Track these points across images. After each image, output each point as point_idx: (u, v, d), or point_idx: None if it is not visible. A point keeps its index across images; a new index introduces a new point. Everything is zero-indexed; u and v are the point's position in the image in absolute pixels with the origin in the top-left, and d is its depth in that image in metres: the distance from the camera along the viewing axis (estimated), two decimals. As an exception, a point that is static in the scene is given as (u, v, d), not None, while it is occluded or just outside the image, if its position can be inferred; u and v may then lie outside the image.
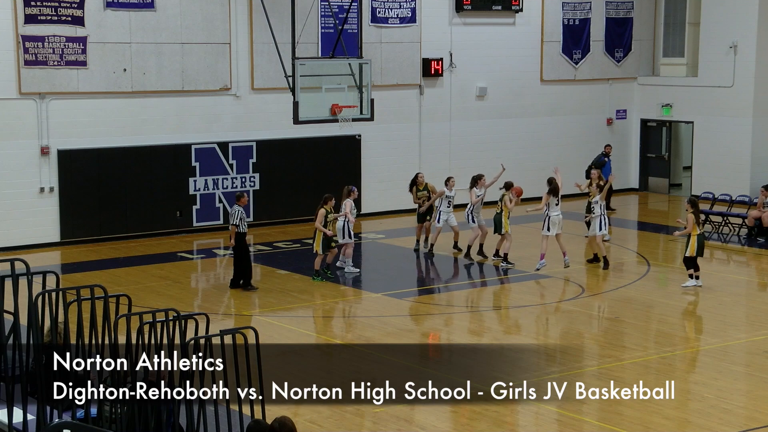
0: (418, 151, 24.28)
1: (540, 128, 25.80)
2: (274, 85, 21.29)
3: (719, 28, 25.34)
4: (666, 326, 14.63)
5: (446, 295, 16.75)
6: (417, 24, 23.79)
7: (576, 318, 15.04)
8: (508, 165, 19.76)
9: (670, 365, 12.85)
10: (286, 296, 16.08)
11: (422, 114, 24.26)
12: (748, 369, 12.81)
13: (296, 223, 21.75)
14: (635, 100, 27.05)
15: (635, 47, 26.92)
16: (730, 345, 13.71)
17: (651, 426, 10.61)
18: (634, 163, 27.34)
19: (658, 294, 16.36)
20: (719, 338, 13.97)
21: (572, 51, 26.05)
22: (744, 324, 14.98)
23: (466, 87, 24.68)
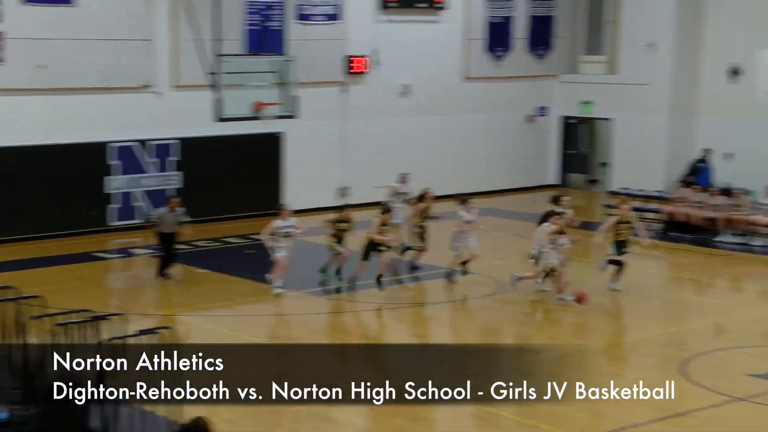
0: (342, 149, 24.37)
1: (463, 125, 26.07)
2: (197, 83, 21.11)
3: (638, 27, 25.91)
4: (582, 319, 14.92)
5: (367, 292, 16.77)
6: (342, 21, 23.83)
7: (494, 313, 15.23)
8: (431, 162, 19.85)
9: (584, 358, 13.07)
10: (205, 296, 16.03)
11: (346, 111, 24.34)
12: (659, 360, 13.15)
13: (219, 221, 21.65)
14: (556, 97, 27.52)
15: (557, 45, 27.37)
16: (645, 338, 14.10)
17: (568, 419, 10.81)
18: (554, 160, 27.84)
19: (576, 286, 16.63)
20: (636, 331, 14.34)
21: (496, 48, 26.37)
22: (658, 318, 15.36)
23: (390, 84, 24.81)
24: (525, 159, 27.31)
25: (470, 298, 16.05)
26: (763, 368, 12.57)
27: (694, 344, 13.77)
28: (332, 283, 16.59)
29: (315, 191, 23.42)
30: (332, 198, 24.02)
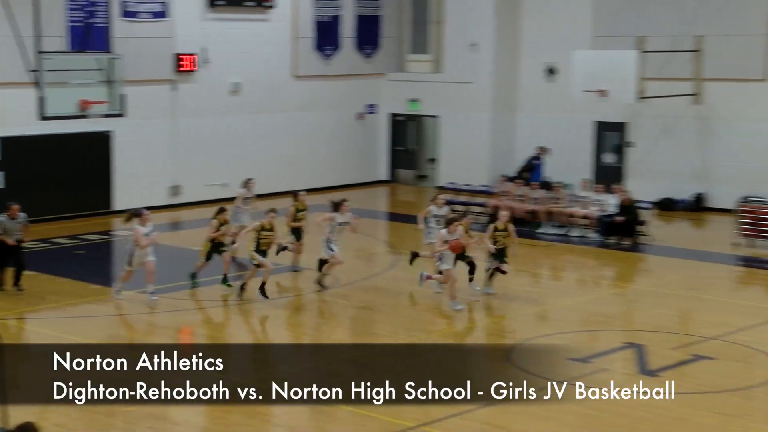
0: (173, 147, 24.16)
1: (295, 123, 26.29)
2: (17, 80, 20.50)
3: (461, 28, 26.77)
4: (415, 312, 15.35)
5: (203, 290, 16.72)
6: (169, 19, 23.62)
7: (329, 308, 15.52)
8: (263, 160, 19.93)
9: (419, 351, 13.39)
10: (32, 297, 15.65)
11: (177, 110, 24.14)
12: (487, 349, 13.65)
13: (46, 222, 21.09)
14: (384, 95, 28.11)
15: (384, 44, 27.96)
16: (473, 327, 14.68)
17: (401, 414, 11.11)
18: (384, 156, 28.45)
19: (406, 282, 17.05)
20: (465, 322, 14.91)
21: (324, 47, 26.70)
22: (485, 308, 15.93)
23: (220, 82, 24.76)
24: (356, 156, 27.79)
25: (303, 294, 16.28)
26: (582, 353, 13.22)
27: (521, 331, 14.35)
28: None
29: (146, 190, 23.12)
30: (164, 197, 23.82)
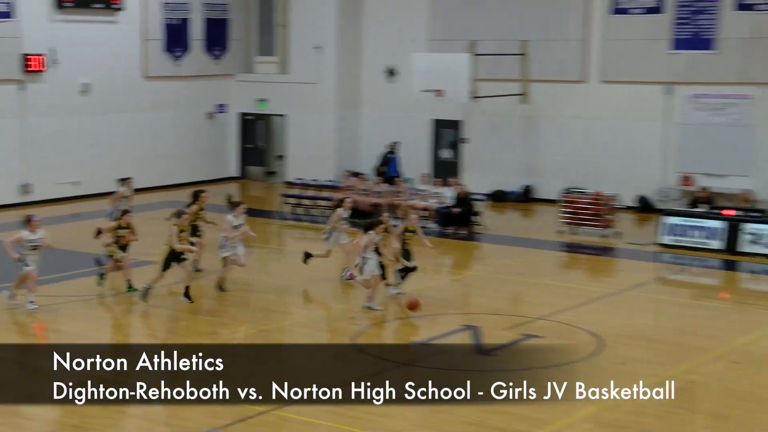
0: (23, 147, 24.21)
1: (144, 123, 26.58)
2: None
3: (306, 30, 27.62)
4: (265, 302, 15.82)
5: (57, 285, 16.43)
6: (15, 19, 23.63)
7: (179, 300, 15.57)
8: (116, 158, 20.00)
9: (267, 337, 13.85)
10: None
11: (26, 109, 24.20)
12: (334, 335, 14.33)
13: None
14: (233, 95, 28.76)
15: (232, 46, 28.64)
16: (325, 315, 15.55)
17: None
18: (234, 154, 29.11)
19: (259, 273, 17.57)
20: (308, 310, 15.76)
21: (174, 49, 27.18)
22: (333, 297, 16.72)
23: (70, 83, 24.86)
24: (207, 153, 28.33)
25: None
26: (424, 335, 14.12)
27: (364, 318, 14.87)
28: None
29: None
30: (13, 195, 23.90)
